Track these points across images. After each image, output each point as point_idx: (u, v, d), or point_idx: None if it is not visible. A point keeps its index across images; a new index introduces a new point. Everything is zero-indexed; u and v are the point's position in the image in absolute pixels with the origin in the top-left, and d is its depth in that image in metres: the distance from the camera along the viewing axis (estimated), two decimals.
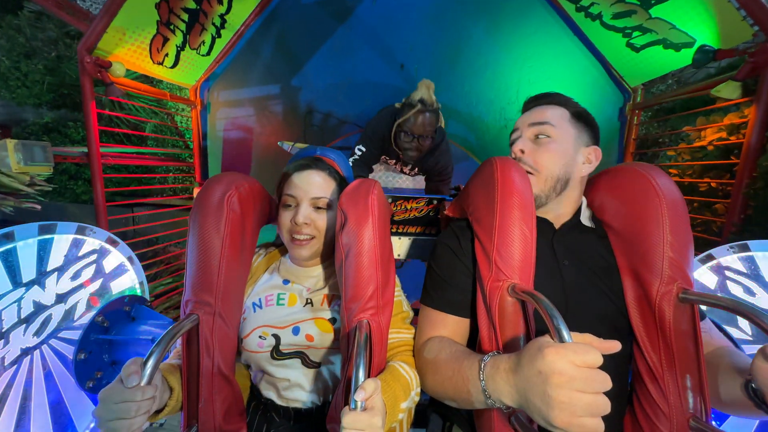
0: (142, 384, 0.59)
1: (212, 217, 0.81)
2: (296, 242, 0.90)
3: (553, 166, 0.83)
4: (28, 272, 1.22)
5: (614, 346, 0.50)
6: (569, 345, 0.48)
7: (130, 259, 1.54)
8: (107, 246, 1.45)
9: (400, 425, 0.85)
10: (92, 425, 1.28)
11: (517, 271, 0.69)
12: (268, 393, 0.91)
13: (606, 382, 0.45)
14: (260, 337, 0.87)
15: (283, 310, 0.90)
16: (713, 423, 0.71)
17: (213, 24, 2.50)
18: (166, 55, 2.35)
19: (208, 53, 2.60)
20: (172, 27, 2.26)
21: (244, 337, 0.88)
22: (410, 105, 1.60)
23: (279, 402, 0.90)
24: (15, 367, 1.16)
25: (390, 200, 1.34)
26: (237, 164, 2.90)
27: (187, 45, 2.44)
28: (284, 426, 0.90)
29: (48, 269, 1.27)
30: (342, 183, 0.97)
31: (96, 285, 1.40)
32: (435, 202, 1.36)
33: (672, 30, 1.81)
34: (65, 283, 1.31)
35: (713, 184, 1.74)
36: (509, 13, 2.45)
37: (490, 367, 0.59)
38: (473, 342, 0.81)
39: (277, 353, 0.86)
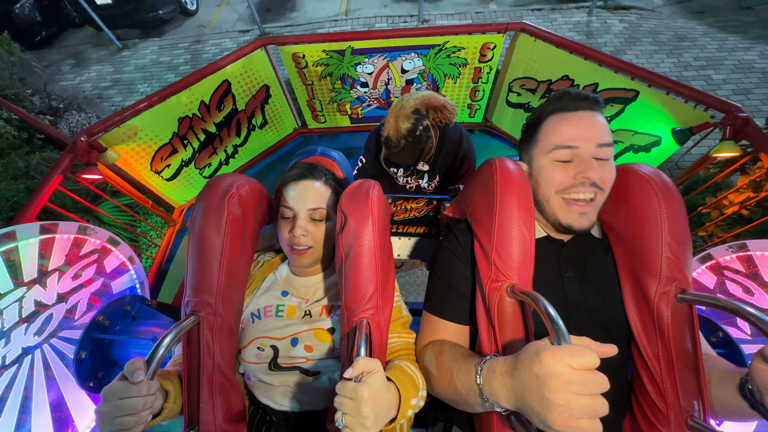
0: (147, 379, 0.59)
1: (213, 217, 0.81)
2: (295, 252, 0.89)
3: (611, 184, 0.77)
4: (29, 271, 1.22)
5: (611, 350, 0.49)
6: (566, 348, 0.47)
7: (131, 259, 1.53)
8: (108, 246, 1.45)
9: (401, 427, 0.80)
10: (93, 424, 1.26)
11: (516, 272, 0.68)
12: (266, 400, 0.89)
13: (603, 383, 0.45)
14: (258, 348, 0.85)
15: (281, 321, 0.88)
16: (711, 423, 0.68)
17: (225, 151, 2.58)
18: (168, 166, 2.33)
19: (211, 177, 2.58)
20: (185, 142, 2.30)
21: (242, 348, 0.87)
22: (379, 140, 1.41)
23: (278, 408, 0.88)
24: (16, 366, 1.16)
25: (390, 200, 1.33)
26: None
27: (193, 163, 2.45)
28: (284, 428, 0.87)
29: (49, 269, 1.27)
30: (338, 188, 0.96)
31: (97, 284, 1.40)
32: (435, 202, 1.35)
33: (635, 135, 2.00)
34: (66, 283, 1.31)
35: None
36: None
37: (487, 370, 0.58)
38: (474, 346, 0.80)
39: (274, 365, 0.84)
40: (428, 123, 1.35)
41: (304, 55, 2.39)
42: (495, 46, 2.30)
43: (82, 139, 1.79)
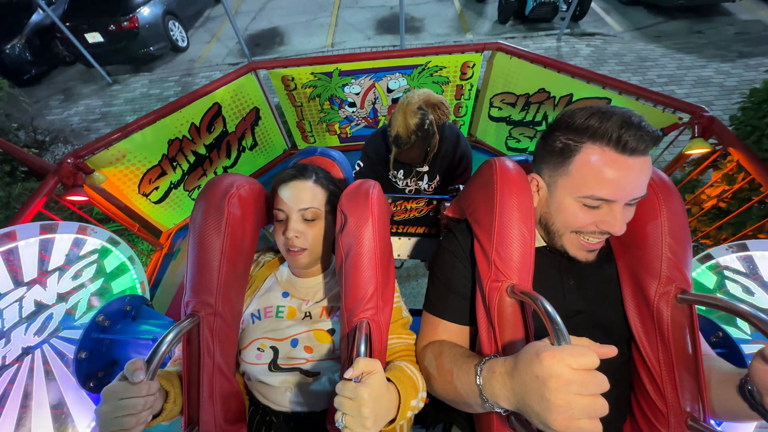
0: (147, 379, 0.59)
1: (213, 217, 0.81)
2: (291, 253, 0.88)
3: None
4: (29, 271, 1.22)
5: (610, 351, 0.49)
6: (566, 348, 0.47)
7: (131, 258, 1.52)
8: (108, 246, 1.45)
9: (401, 428, 0.79)
10: (93, 424, 1.26)
11: (516, 272, 0.67)
12: (266, 400, 0.88)
13: (603, 384, 0.45)
14: (258, 349, 0.84)
15: (282, 322, 0.88)
16: (711, 423, 0.67)
17: (215, 172, 2.59)
18: (156, 188, 2.30)
19: None
20: (174, 164, 2.29)
21: (242, 349, 0.86)
22: (388, 141, 1.44)
23: (278, 408, 0.87)
24: (16, 365, 1.15)
25: (390, 200, 1.34)
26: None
27: (182, 185, 2.43)
28: (284, 429, 0.86)
29: (49, 269, 1.27)
30: (332, 187, 0.95)
31: (97, 284, 1.40)
32: (435, 202, 1.33)
33: None
34: (66, 283, 1.31)
35: None
36: None
37: (487, 370, 0.58)
38: (474, 346, 0.79)
39: (274, 366, 0.83)
40: (432, 118, 1.39)
41: (293, 78, 2.47)
42: (474, 65, 2.43)
43: (69, 160, 1.76)
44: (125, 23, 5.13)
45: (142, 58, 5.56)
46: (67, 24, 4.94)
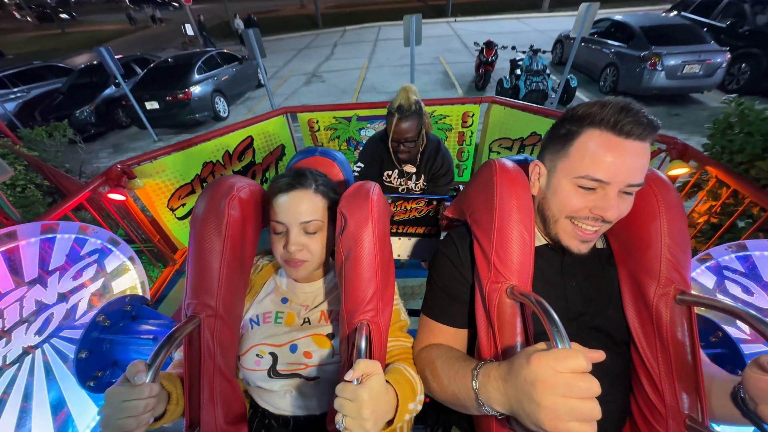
0: (148, 381, 0.58)
1: (213, 220, 0.76)
2: (291, 264, 0.81)
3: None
4: (30, 271, 1.18)
5: (598, 356, 0.47)
6: (553, 352, 0.45)
7: (131, 258, 1.47)
8: (109, 246, 1.39)
9: (401, 429, 0.73)
10: (93, 424, 1.21)
11: (515, 273, 0.64)
12: (266, 404, 0.84)
13: (593, 387, 0.42)
14: (257, 355, 0.80)
15: (280, 328, 0.84)
16: (710, 424, 0.65)
17: None
18: (183, 205, 2.38)
19: None
20: (204, 185, 2.41)
21: (241, 355, 0.82)
22: (391, 113, 1.52)
23: (277, 412, 0.83)
24: (16, 365, 1.11)
25: (390, 201, 1.28)
26: None
27: None
28: (283, 431, 0.82)
29: (50, 268, 1.23)
30: (331, 194, 0.88)
31: (97, 284, 1.35)
32: (435, 202, 1.28)
33: None
34: (67, 283, 1.26)
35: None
36: None
37: (482, 375, 0.57)
38: (473, 349, 0.75)
39: (273, 373, 0.80)
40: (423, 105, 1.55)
41: (317, 121, 2.68)
42: (473, 114, 2.61)
43: (118, 165, 1.89)
44: (180, 95, 5.82)
45: (188, 123, 6.14)
46: (133, 95, 5.67)
